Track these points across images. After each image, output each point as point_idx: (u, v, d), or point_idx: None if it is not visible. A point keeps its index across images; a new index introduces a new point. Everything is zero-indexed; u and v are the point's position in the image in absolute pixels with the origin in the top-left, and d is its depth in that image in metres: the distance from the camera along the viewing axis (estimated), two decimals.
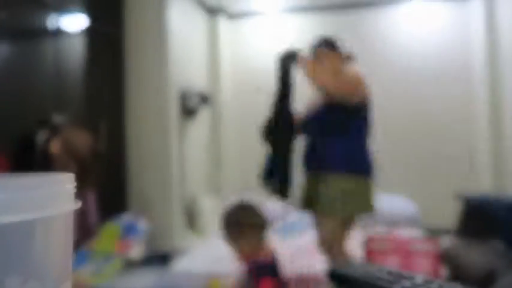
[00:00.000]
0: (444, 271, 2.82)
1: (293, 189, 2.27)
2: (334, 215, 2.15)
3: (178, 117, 4.27)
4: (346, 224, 2.20)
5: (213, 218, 4.56)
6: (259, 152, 5.41)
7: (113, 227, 2.94)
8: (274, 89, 2.31)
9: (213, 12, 5.13)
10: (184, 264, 3.33)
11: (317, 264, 3.15)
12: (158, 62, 4.10)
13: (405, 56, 4.88)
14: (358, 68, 2.21)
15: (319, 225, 2.22)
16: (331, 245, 2.17)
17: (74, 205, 0.37)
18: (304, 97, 2.38)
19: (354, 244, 3.63)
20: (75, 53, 3.33)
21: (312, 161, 2.25)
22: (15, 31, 2.74)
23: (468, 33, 4.78)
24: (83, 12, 3.42)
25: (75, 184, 0.39)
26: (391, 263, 2.82)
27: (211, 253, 3.52)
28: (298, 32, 5.22)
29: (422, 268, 2.78)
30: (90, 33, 3.53)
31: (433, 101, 4.85)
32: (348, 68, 2.19)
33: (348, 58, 2.22)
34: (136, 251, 2.85)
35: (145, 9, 4.14)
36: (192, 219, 4.45)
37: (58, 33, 3.12)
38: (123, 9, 4.11)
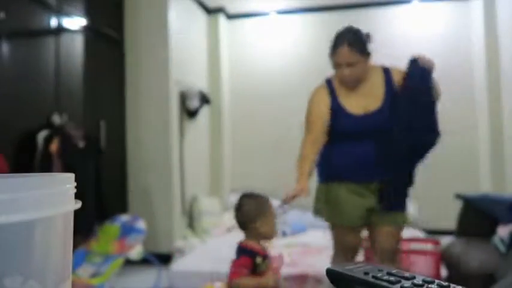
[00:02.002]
0: (444, 271, 2.82)
1: None
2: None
3: (179, 117, 4.27)
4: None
5: (213, 218, 4.56)
6: (259, 152, 5.43)
7: (112, 227, 2.94)
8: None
9: (213, 12, 5.13)
10: (184, 264, 3.33)
11: (317, 263, 3.16)
12: (158, 62, 4.11)
13: (405, 56, 4.87)
14: None
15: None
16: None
17: (74, 205, 0.37)
18: None
19: None
20: (76, 53, 3.33)
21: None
22: (16, 31, 2.74)
23: (468, 34, 4.78)
24: (84, 12, 3.42)
25: (75, 184, 0.39)
26: None
27: (211, 253, 3.52)
28: (298, 33, 5.23)
29: (422, 268, 2.78)
30: (91, 33, 3.53)
31: None
32: None
33: None
34: (135, 251, 2.85)
35: (146, 10, 4.14)
36: (192, 219, 4.46)
37: (58, 33, 3.12)
38: (123, 10, 4.12)
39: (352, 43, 1.97)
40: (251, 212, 1.80)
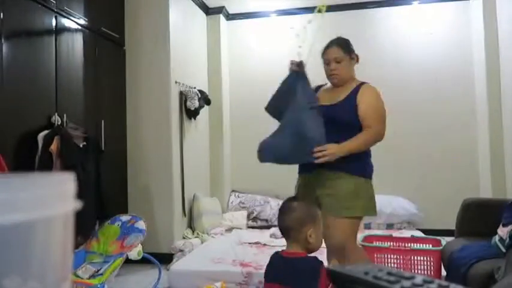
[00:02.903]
0: (444, 271, 2.82)
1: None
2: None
3: (179, 118, 4.27)
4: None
5: (213, 218, 4.56)
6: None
7: (112, 227, 2.93)
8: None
9: (213, 12, 5.13)
10: (184, 264, 3.33)
11: None
12: (158, 62, 4.11)
13: (405, 57, 4.88)
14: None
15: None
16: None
17: (74, 205, 0.37)
18: None
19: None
20: (76, 53, 3.33)
21: None
22: (16, 31, 2.74)
23: (468, 34, 4.78)
24: (84, 12, 3.42)
25: (75, 184, 0.39)
26: (391, 263, 2.82)
27: (211, 253, 3.52)
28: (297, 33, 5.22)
29: (422, 268, 2.78)
30: (91, 33, 3.53)
31: (434, 103, 4.85)
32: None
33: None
34: (135, 251, 2.85)
35: (146, 10, 4.14)
36: (192, 219, 4.45)
37: (58, 33, 3.12)
38: (123, 10, 4.11)
39: (340, 44, 2.44)
40: (304, 218, 1.69)
